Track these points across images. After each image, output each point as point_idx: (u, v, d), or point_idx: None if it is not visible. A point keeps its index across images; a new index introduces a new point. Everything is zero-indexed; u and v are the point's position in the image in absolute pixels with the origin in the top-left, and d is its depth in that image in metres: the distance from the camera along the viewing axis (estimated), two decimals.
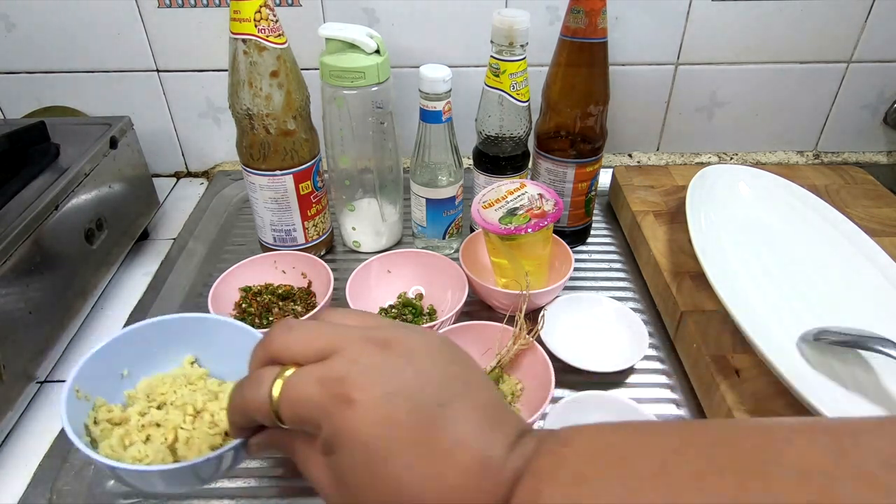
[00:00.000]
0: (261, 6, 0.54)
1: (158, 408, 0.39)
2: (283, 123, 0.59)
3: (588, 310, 0.59)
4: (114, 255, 0.65)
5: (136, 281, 0.67)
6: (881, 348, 0.44)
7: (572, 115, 0.62)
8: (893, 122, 0.85)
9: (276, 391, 0.26)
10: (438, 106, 0.59)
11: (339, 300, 0.59)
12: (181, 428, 0.37)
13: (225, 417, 0.33)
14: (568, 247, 0.62)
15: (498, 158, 0.64)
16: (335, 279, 0.58)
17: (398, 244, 0.72)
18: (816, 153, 0.89)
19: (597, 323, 0.59)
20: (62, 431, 0.49)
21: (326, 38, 0.60)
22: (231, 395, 0.29)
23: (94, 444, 0.37)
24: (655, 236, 0.64)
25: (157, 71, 0.79)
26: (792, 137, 0.87)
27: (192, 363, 0.43)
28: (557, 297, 0.60)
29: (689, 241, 0.55)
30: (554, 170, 0.66)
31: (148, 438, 0.37)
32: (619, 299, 0.61)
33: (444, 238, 0.68)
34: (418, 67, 0.59)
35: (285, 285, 0.61)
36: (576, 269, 0.62)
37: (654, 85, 0.82)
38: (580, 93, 0.61)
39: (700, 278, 0.53)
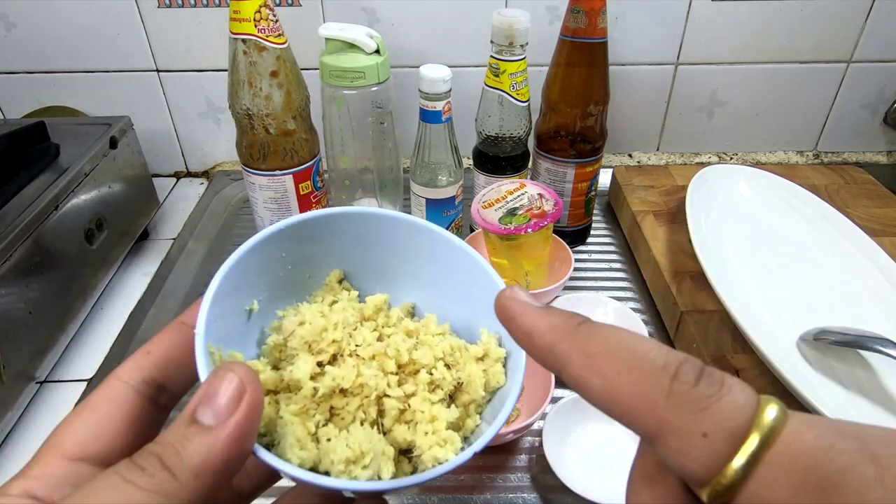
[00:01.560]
0: (261, 6, 0.54)
1: (331, 362, 0.25)
2: (283, 123, 0.59)
3: (588, 310, 0.59)
4: (114, 255, 0.65)
5: (136, 281, 0.67)
6: (881, 348, 0.44)
7: (572, 115, 0.62)
8: (893, 122, 0.85)
9: (749, 448, 0.14)
10: (438, 106, 0.59)
11: None
12: (387, 395, 0.24)
13: (447, 374, 0.24)
14: (568, 247, 0.62)
15: (498, 158, 0.64)
16: None
17: None
18: (816, 153, 0.89)
19: None
20: None
21: (326, 38, 0.60)
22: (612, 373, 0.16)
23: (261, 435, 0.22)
24: (655, 236, 0.64)
25: (157, 71, 0.79)
26: (792, 137, 0.87)
27: (341, 281, 0.29)
28: (557, 297, 0.60)
29: (689, 241, 0.55)
30: (554, 170, 0.66)
31: (331, 416, 0.24)
32: (619, 299, 0.61)
33: None
34: (418, 67, 0.59)
35: None
36: (576, 269, 0.62)
37: (654, 85, 0.82)
38: (580, 93, 0.61)
39: (700, 278, 0.53)
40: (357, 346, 0.25)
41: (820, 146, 0.89)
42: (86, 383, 0.55)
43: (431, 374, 0.25)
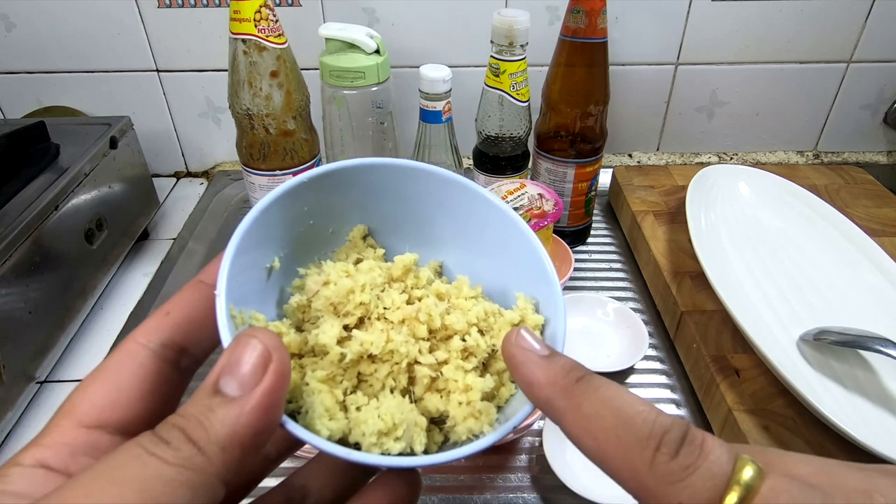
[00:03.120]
0: (261, 6, 0.54)
1: (357, 326, 0.24)
2: (283, 123, 0.59)
3: (588, 310, 0.59)
4: (114, 255, 0.65)
5: (136, 281, 0.67)
6: (881, 348, 0.44)
7: (572, 115, 0.62)
8: (893, 122, 0.85)
9: None
10: (438, 106, 0.59)
11: None
12: (417, 363, 0.23)
13: (481, 341, 0.23)
14: (568, 247, 0.62)
15: (498, 158, 0.64)
16: None
17: None
18: (816, 153, 0.89)
19: (597, 323, 0.59)
20: None
21: (326, 38, 0.60)
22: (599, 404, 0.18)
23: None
24: (655, 236, 0.64)
25: (157, 71, 0.79)
26: (792, 137, 0.87)
27: (365, 237, 0.27)
28: None
29: (689, 241, 0.55)
30: (554, 170, 0.66)
31: (359, 383, 0.23)
32: (619, 299, 0.61)
33: None
34: (418, 67, 0.59)
35: None
36: (576, 269, 0.62)
37: (654, 85, 0.82)
38: (580, 93, 0.61)
39: (700, 278, 0.53)
40: (385, 308, 0.24)
41: (820, 146, 0.89)
42: None
43: (464, 340, 0.23)
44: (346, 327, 0.23)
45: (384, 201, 0.26)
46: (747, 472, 0.15)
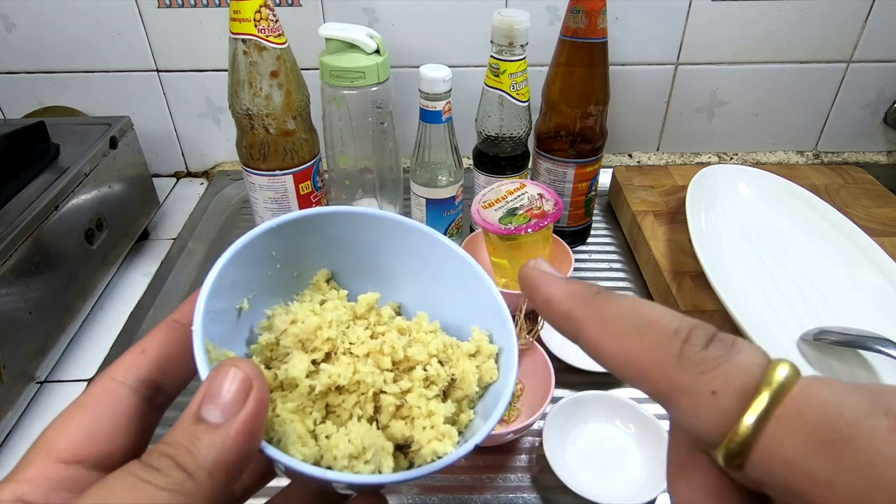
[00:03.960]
0: (261, 6, 0.54)
1: (324, 360, 0.25)
2: (283, 123, 0.59)
3: None
4: (114, 255, 0.65)
5: (135, 281, 0.67)
6: (881, 348, 0.44)
7: (572, 115, 0.62)
8: (893, 121, 0.85)
9: (760, 405, 0.14)
10: (438, 106, 0.59)
11: None
12: (383, 392, 0.24)
13: (441, 371, 0.25)
14: (568, 247, 0.62)
15: (498, 158, 0.64)
16: None
17: None
18: (816, 153, 0.89)
19: None
20: None
21: (326, 38, 0.60)
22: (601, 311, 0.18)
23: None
24: (655, 236, 0.64)
25: (157, 71, 0.79)
26: (792, 137, 0.87)
27: (328, 280, 0.29)
28: None
29: (689, 241, 0.55)
30: (554, 170, 0.66)
31: (328, 414, 0.24)
32: None
33: None
34: (418, 67, 0.59)
35: None
36: (576, 269, 0.62)
37: (654, 85, 0.82)
38: (580, 93, 0.61)
39: (700, 278, 0.53)
40: (351, 343, 0.25)
41: (820, 146, 0.89)
42: (86, 383, 0.55)
43: (426, 370, 0.25)
44: (314, 362, 0.24)
45: (347, 247, 0.28)
46: (782, 370, 0.14)
